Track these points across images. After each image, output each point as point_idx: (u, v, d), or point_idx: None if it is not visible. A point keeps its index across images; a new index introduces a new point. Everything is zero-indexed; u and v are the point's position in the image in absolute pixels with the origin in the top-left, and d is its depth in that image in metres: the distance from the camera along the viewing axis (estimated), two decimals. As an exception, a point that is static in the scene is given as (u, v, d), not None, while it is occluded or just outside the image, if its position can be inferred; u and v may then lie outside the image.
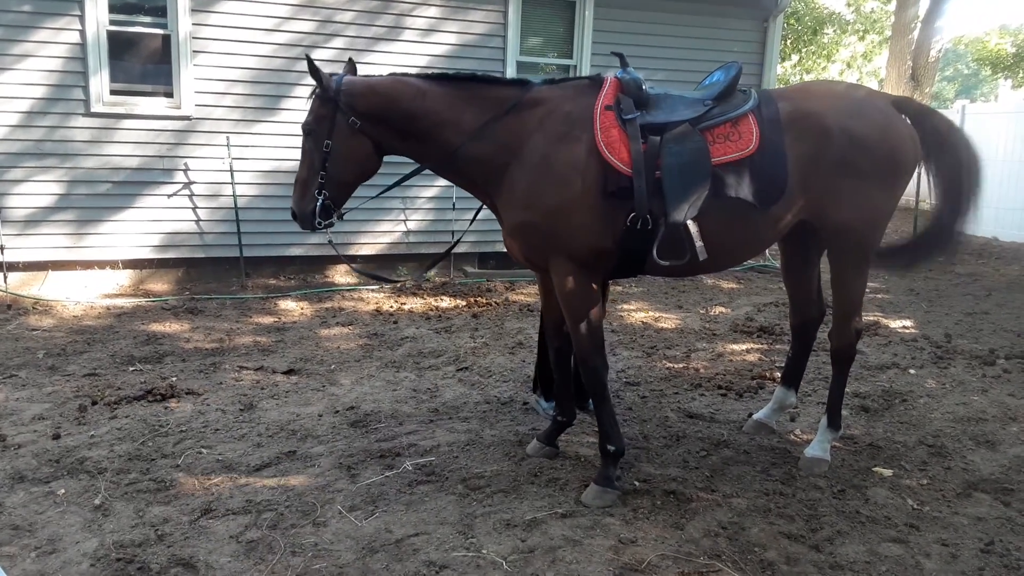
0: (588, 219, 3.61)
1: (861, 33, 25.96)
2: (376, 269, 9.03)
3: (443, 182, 8.98)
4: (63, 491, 3.65)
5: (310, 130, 3.72)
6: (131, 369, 5.55)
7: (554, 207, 3.61)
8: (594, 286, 3.74)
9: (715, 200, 3.60)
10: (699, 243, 3.59)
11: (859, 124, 3.72)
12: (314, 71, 3.64)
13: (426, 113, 3.72)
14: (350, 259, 3.65)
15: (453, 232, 9.07)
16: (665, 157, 3.59)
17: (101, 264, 8.05)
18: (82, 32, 7.57)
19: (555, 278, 3.74)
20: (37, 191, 7.69)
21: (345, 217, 3.78)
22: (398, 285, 8.42)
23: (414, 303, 7.74)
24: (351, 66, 3.87)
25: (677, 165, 3.58)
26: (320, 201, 3.71)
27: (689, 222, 3.57)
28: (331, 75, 3.70)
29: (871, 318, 7.36)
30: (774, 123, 3.68)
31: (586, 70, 9.29)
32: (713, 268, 4.05)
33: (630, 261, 3.76)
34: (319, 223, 3.73)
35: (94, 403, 4.78)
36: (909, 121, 3.92)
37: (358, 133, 3.69)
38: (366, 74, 3.87)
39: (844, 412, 4.80)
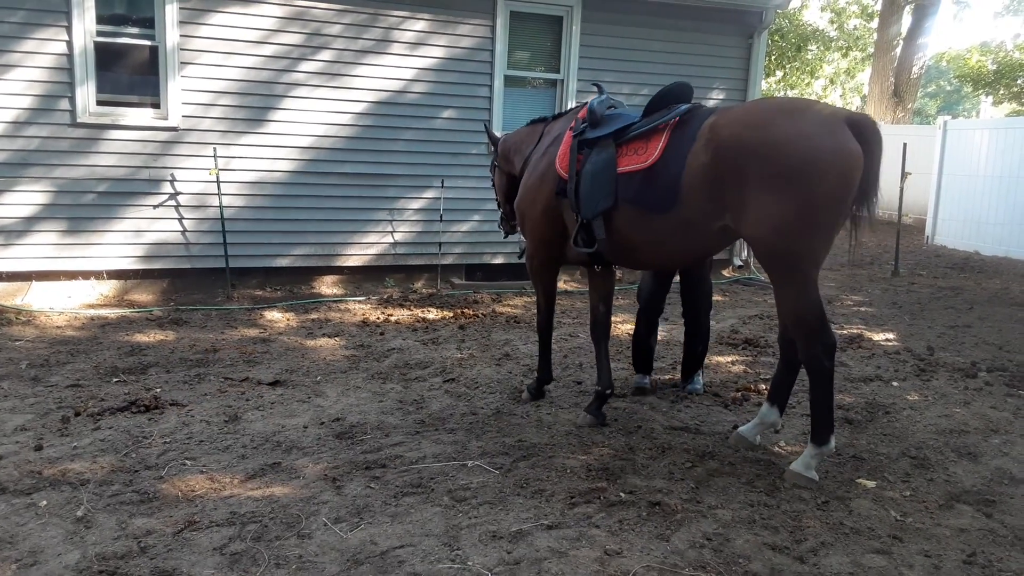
0: (547, 214, 4.74)
1: (844, 50, 26.30)
2: (363, 280, 9.04)
3: (430, 194, 9.01)
4: (45, 503, 3.62)
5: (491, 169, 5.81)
6: (115, 380, 5.51)
7: (528, 203, 4.88)
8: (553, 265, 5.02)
9: (619, 202, 4.24)
10: (600, 235, 4.36)
11: (759, 135, 3.71)
12: (487, 132, 5.83)
13: (515, 147, 5.35)
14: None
15: (440, 244, 9.09)
16: (584, 165, 4.44)
17: (86, 274, 8.00)
18: (69, 43, 7.56)
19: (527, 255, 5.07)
20: (22, 201, 7.65)
21: (334, 228, 4.26)
22: (385, 297, 8.42)
23: (400, 314, 7.73)
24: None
25: (590, 172, 4.39)
26: (500, 215, 5.80)
27: (597, 218, 4.34)
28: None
29: (854, 331, 7.42)
30: (687, 137, 4.00)
31: (573, 85, 9.35)
32: (642, 264, 4.81)
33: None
34: (500, 229, 5.89)
35: (77, 414, 4.75)
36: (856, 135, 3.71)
37: (499, 170, 5.59)
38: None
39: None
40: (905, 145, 11.42)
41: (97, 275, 8.05)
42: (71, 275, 7.94)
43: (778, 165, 3.65)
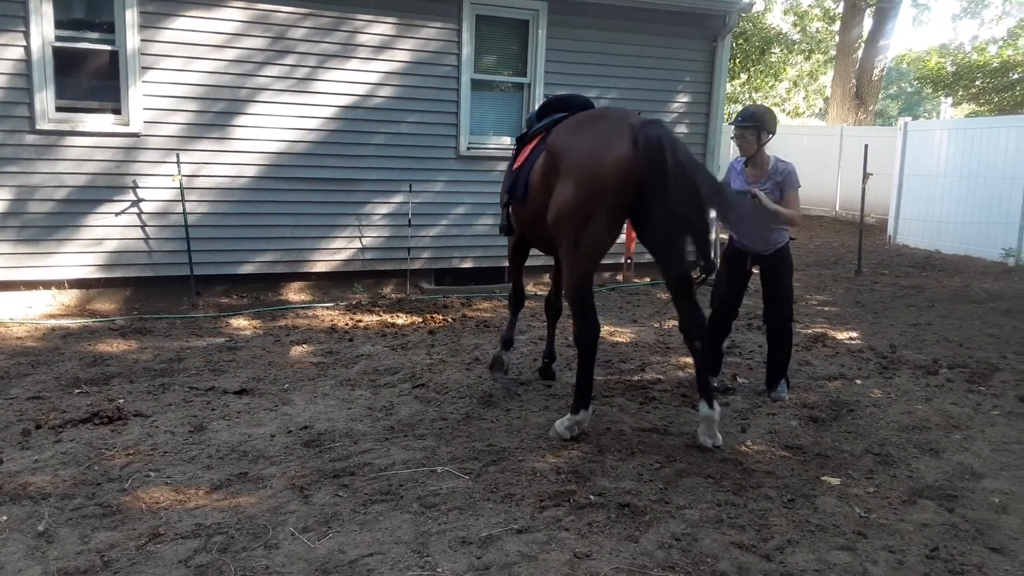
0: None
1: (807, 53, 26.67)
2: (331, 286, 8.97)
3: (398, 198, 8.98)
4: (5, 518, 3.54)
5: None
6: (76, 391, 5.41)
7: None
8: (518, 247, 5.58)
9: (510, 196, 5.08)
10: (504, 222, 5.34)
11: (561, 140, 4.52)
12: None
13: None
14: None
15: (409, 249, 9.06)
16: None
17: (46, 284, 7.85)
18: (27, 48, 7.41)
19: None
20: (-22, 209, 7.49)
21: (301, 234, 4.31)
22: (354, 302, 8.37)
23: (369, 320, 7.68)
24: None
25: (506, 169, 5.37)
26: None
27: (506, 206, 5.25)
28: None
29: (819, 330, 7.52)
30: (544, 143, 4.77)
31: (539, 88, 9.37)
32: (540, 249, 5.34)
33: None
34: None
35: (38, 427, 4.65)
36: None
37: None
38: None
39: (793, 423, 4.94)
40: (867, 146, 11.61)
41: (58, 284, 7.90)
42: (31, 284, 7.78)
43: (562, 163, 4.43)
